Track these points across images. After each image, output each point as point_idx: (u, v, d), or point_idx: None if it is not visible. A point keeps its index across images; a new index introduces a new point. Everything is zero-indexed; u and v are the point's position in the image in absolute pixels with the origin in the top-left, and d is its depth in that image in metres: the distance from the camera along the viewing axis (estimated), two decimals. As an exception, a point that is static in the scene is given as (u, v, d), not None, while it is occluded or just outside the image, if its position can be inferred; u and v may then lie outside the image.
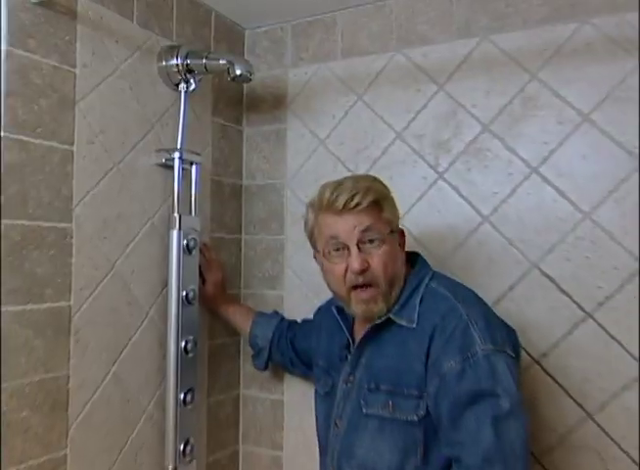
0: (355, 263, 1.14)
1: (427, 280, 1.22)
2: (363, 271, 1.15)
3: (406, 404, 1.13)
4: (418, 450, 1.12)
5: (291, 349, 1.59)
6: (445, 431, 1.07)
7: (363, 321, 1.26)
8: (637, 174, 1.35)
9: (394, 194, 1.26)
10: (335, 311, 1.35)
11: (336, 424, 1.27)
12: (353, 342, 1.30)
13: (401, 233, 1.27)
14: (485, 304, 1.23)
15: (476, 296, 1.23)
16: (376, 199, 1.18)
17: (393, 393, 1.16)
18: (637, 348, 1.34)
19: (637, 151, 1.35)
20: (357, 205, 1.15)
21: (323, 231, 1.20)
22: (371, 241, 1.17)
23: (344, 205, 1.15)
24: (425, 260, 1.29)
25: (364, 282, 1.16)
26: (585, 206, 1.41)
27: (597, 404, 1.38)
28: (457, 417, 1.04)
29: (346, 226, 1.16)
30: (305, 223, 1.28)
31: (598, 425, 1.38)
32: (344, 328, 1.33)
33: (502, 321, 1.21)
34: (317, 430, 1.41)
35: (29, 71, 1.17)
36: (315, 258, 1.30)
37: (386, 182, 1.26)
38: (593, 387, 1.38)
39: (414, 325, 1.16)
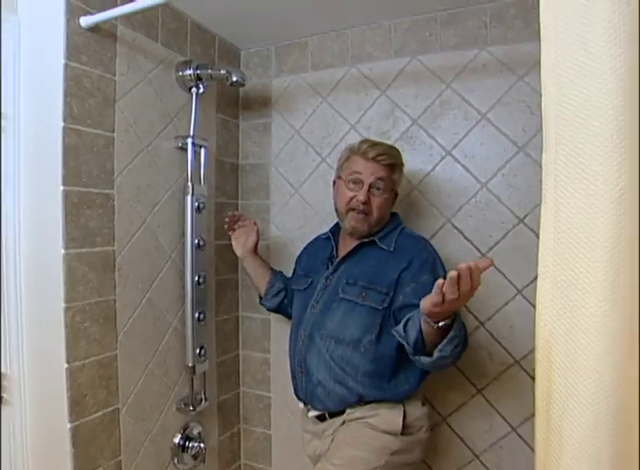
0: (362, 196, 1.23)
1: (401, 227, 1.31)
2: (364, 203, 1.23)
3: (376, 297, 1.19)
4: (374, 330, 1.18)
5: (288, 290, 1.53)
6: (412, 311, 1.10)
7: (349, 242, 1.30)
8: (518, 157, 1.41)
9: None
10: (330, 235, 1.38)
11: (313, 306, 1.29)
12: (336, 257, 1.33)
13: (396, 195, 1.33)
14: None
15: None
16: (393, 163, 1.27)
17: (368, 288, 1.21)
18: (517, 278, 1.42)
19: (518, 140, 1.41)
20: (381, 161, 1.24)
21: (351, 166, 1.27)
22: (378, 188, 1.25)
23: (374, 157, 1.24)
24: (399, 216, 1.37)
25: (362, 210, 1.24)
26: (482, 178, 1.47)
27: (487, 316, 1.47)
28: None
29: (368, 170, 1.25)
30: (341, 157, 1.34)
31: (487, 330, 1.47)
32: (333, 243, 1.36)
33: None
34: (293, 314, 1.40)
35: (82, 78, 1.19)
36: (334, 182, 1.36)
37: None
38: (484, 304, 1.46)
39: (391, 249, 1.24)
